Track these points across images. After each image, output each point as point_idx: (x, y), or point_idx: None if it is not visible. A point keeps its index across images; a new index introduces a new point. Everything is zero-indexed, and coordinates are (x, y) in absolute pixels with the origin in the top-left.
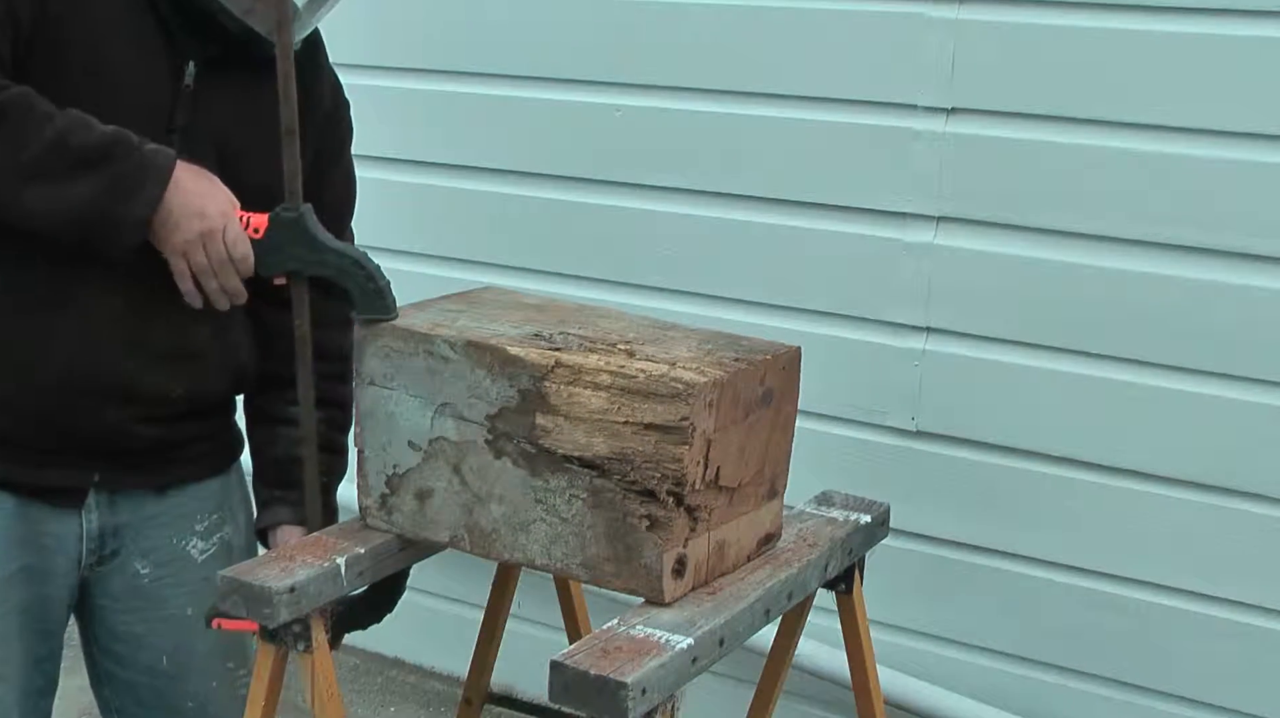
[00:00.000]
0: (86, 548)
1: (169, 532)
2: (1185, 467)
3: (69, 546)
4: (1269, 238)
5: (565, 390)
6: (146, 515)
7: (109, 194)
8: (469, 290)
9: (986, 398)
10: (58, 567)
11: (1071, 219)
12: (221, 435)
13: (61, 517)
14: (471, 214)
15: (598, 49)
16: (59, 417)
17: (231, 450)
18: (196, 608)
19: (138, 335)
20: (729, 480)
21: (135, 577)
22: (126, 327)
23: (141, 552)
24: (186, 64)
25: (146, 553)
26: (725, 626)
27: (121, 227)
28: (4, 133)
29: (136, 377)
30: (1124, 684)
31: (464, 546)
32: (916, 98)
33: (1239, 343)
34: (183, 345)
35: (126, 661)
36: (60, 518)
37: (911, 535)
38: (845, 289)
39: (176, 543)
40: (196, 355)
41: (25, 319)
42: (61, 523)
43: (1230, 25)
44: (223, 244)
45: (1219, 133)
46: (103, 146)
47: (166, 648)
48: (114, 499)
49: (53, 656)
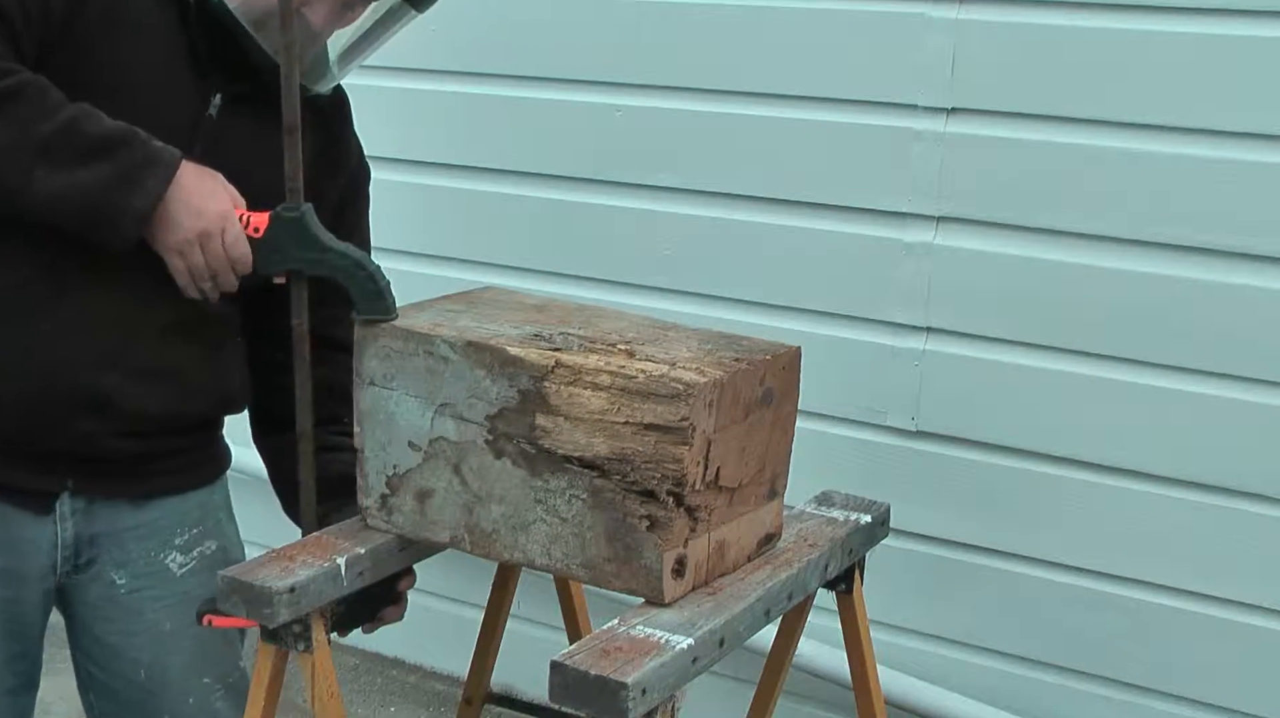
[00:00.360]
0: (61, 556)
1: (147, 544)
2: (1185, 467)
3: (43, 551)
4: (1269, 238)
5: (565, 391)
6: (124, 526)
7: (113, 184)
8: (469, 290)
9: (986, 398)
10: (31, 571)
11: (1071, 219)
12: (205, 450)
13: (35, 522)
14: (471, 214)
15: (598, 49)
16: (31, 422)
17: (216, 464)
18: (174, 622)
19: (120, 349)
20: (729, 481)
21: (112, 587)
22: (108, 340)
23: (118, 562)
24: (213, 95)
25: (123, 564)
26: (725, 626)
27: (121, 219)
28: (17, 114)
29: (115, 391)
30: (1124, 684)
31: (464, 546)
32: (916, 98)
33: (1239, 343)
34: (166, 364)
35: (107, 669)
36: (34, 523)
37: (911, 535)
38: (845, 289)
39: (155, 556)
40: (179, 375)
41: (6, 324)
42: (35, 528)
43: (1230, 25)
44: (220, 246)
45: (1218, 133)
46: (112, 137)
47: (143, 661)
48: (90, 507)
49: (27, 655)
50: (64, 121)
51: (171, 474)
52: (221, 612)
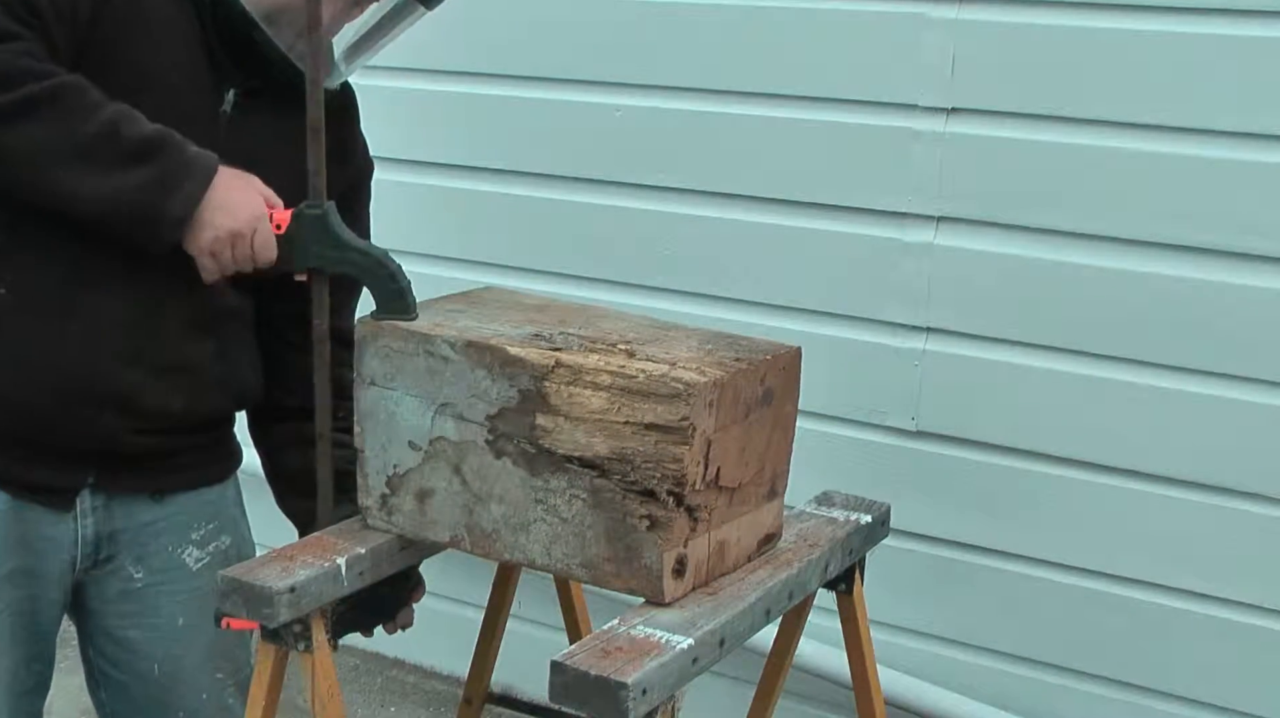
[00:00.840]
0: (81, 552)
1: (165, 539)
2: (1185, 467)
3: (63, 549)
4: (1269, 238)
5: (565, 390)
6: (142, 522)
7: (153, 188)
8: (469, 290)
9: (986, 398)
10: (51, 570)
11: (1071, 219)
12: (221, 446)
13: (56, 520)
14: (471, 214)
15: (598, 49)
16: (56, 420)
17: (231, 460)
18: (188, 618)
19: (141, 347)
20: (729, 480)
21: (129, 581)
22: (131, 337)
23: (136, 557)
24: (227, 91)
25: (141, 559)
26: (725, 626)
27: (160, 223)
28: (58, 114)
29: (138, 388)
30: (1124, 684)
31: (464, 546)
32: (916, 98)
33: (1239, 343)
34: (185, 359)
35: (121, 665)
36: (55, 521)
37: (911, 535)
38: (845, 289)
39: (172, 551)
40: (198, 370)
41: (32, 320)
42: (56, 527)
43: (1230, 25)
44: (249, 247)
45: (1218, 133)
46: (153, 140)
47: (157, 656)
48: (110, 504)
49: (43, 656)
50: (104, 124)
51: (189, 470)
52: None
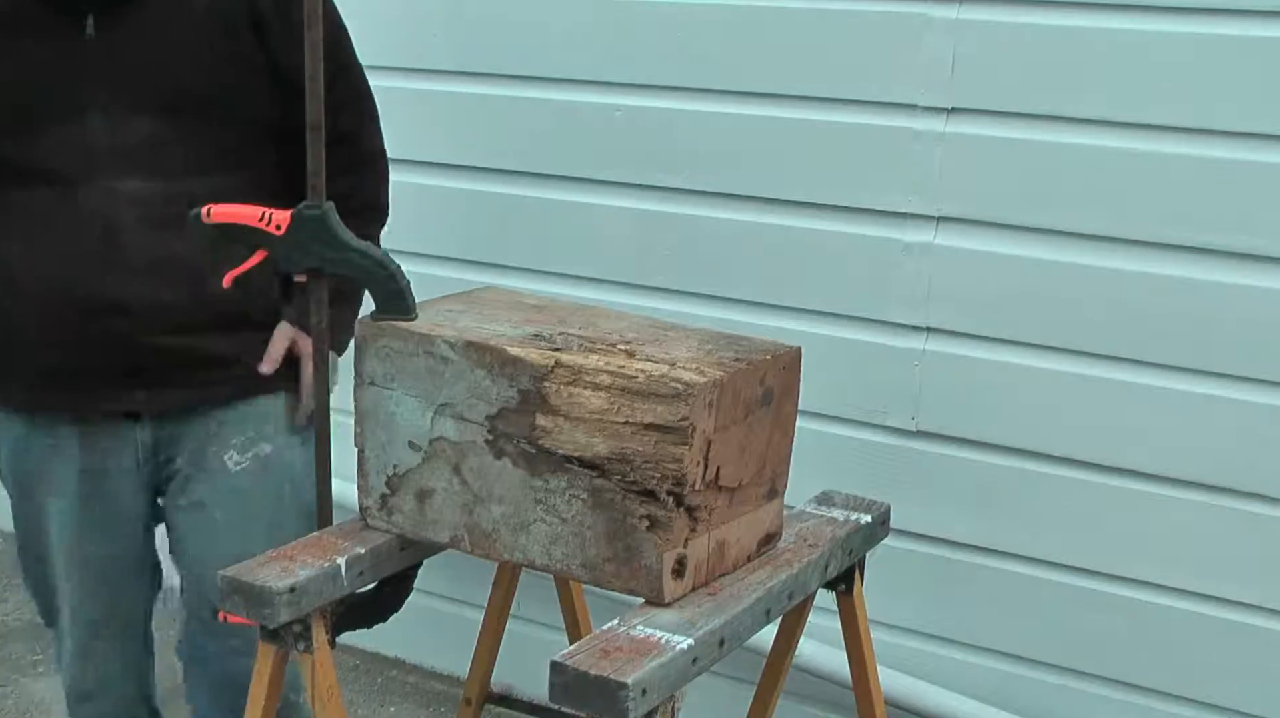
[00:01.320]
0: (142, 456)
1: (209, 444)
2: (1185, 467)
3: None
4: (1269, 238)
5: (565, 391)
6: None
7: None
8: (469, 290)
9: (986, 398)
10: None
11: (1071, 219)
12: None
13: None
14: (471, 214)
15: (598, 49)
16: (69, 334)
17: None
18: (224, 513)
19: (111, 254)
20: (729, 480)
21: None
22: (100, 247)
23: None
24: (85, 18)
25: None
26: (725, 626)
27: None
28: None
29: (120, 289)
30: (1124, 684)
31: (464, 546)
32: (916, 98)
33: (1239, 343)
34: (161, 257)
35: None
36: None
37: (911, 535)
38: (845, 289)
39: (213, 453)
40: (181, 262)
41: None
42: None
43: (1230, 25)
44: None
45: (1217, 133)
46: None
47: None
48: (162, 419)
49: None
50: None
51: (228, 383)
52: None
